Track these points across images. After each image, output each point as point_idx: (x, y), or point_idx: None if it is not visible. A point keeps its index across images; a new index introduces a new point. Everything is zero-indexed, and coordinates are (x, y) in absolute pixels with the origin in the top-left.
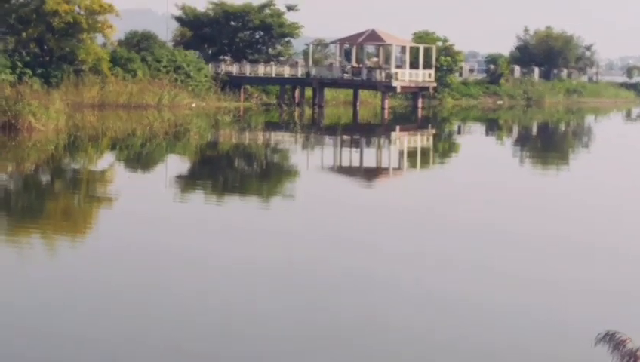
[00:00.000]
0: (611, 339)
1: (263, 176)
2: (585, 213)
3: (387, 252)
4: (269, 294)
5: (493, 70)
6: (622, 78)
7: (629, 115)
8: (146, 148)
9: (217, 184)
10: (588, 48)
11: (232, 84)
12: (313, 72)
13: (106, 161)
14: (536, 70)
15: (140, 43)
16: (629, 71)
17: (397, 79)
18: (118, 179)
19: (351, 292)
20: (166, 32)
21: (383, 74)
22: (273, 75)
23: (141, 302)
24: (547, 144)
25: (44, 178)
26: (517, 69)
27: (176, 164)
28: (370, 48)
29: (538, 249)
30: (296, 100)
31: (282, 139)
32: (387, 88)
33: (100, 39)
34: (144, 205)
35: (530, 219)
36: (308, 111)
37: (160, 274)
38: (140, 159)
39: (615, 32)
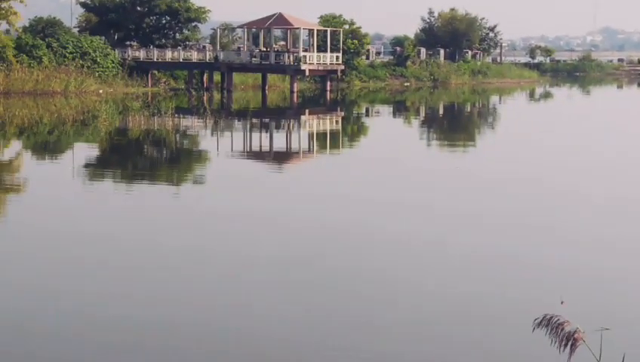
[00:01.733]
0: (549, 323)
1: (173, 161)
2: (489, 190)
3: (299, 234)
4: (175, 283)
5: (400, 52)
6: (525, 59)
7: (532, 94)
8: (53, 135)
9: (126, 171)
10: (491, 29)
11: (139, 70)
12: (221, 56)
13: (12, 149)
14: (442, 52)
15: (45, 29)
16: (532, 51)
17: (305, 62)
18: (25, 168)
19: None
20: (71, 17)
21: (291, 57)
22: (181, 60)
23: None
24: (454, 125)
25: None
26: (423, 50)
27: (85, 151)
28: (277, 32)
29: (448, 222)
30: (205, 85)
31: (192, 124)
32: (296, 72)
33: (3, 26)
34: (51, 193)
35: (440, 196)
36: (217, 95)
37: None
38: (48, 147)
39: (517, 12)
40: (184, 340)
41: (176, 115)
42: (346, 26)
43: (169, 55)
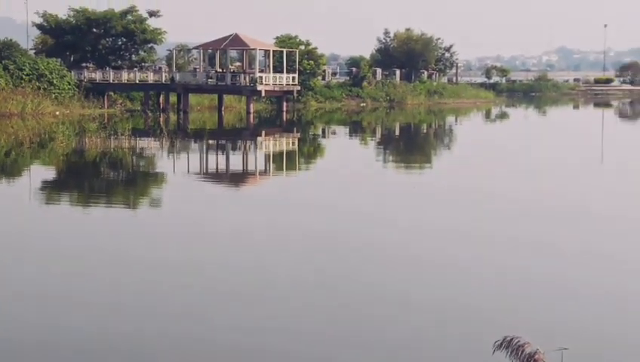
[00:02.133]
0: (509, 345)
1: (130, 183)
2: (444, 206)
3: (252, 250)
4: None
5: (356, 73)
6: (481, 79)
7: (488, 115)
8: (10, 157)
9: (83, 192)
10: (447, 50)
11: (95, 91)
12: (177, 77)
13: None
14: (398, 72)
15: (1, 52)
16: (488, 71)
17: (261, 83)
18: None
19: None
20: (27, 39)
21: (247, 78)
22: (137, 82)
23: None
24: (410, 145)
25: None
26: (379, 71)
27: (42, 172)
28: (233, 53)
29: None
30: (161, 106)
31: (148, 145)
32: (252, 92)
33: None
34: (6, 214)
35: (398, 210)
36: (173, 116)
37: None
38: (5, 169)
39: (472, 33)
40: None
41: (132, 137)
42: (302, 47)
43: (125, 76)
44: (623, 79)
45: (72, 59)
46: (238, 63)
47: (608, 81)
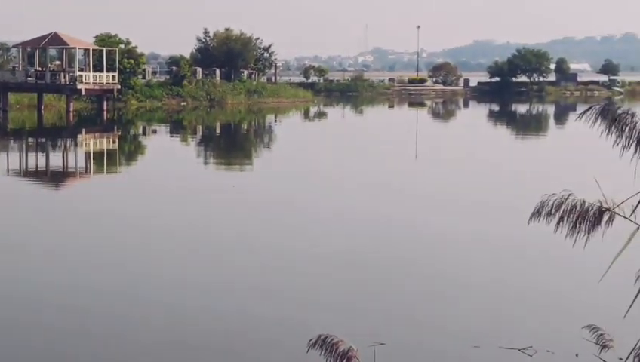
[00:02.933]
0: (324, 343)
1: None
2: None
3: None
4: None
5: (176, 72)
6: (299, 79)
7: (307, 114)
8: None
9: None
10: (266, 49)
11: None
12: None
13: None
14: (218, 71)
15: None
16: (306, 71)
17: (81, 82)
18: None
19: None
20: None
21: (67, 77)
22: None
23: None
24: (231, 143)
25: None
26: (199, 70)
27: None
28: (53, 52)
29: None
30: None
31: None
32: (72, 91)
33: None
34: None
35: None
36: None
37: None
38: None
39: (291, 33)
40: None
41: None
42: (122, 46)
43: None
44: (436, 79)
45: None
46: (57, 62)
47: (422, 81)
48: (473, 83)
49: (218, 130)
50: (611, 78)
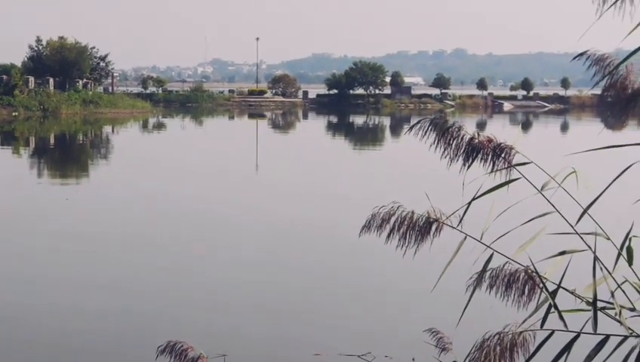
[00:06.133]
0: (173, 350)
1: None
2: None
3: None
4: None
5: (7, 81)
6: (137, 89)
7: (145, 125)
8: None
9: None
10: (102, 59)
11: None
12: None
13: None
14: (52, 81)
15: None
16: (144, 81)
17: None
18: None
19: None
20: None
21: None
22: None
23: None
24: (66, 155)
25: None
26: (31, 79)
27: None
28: None
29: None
30: None
31: None
32: None
33: None
34: None
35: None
36: None
37: None
38: None
39: (128, 43)
40: None
41: None
42: None
43: None
44: (275, 91)
45: None
46: None
47: (261, 92)
48: (312, 95)
49: (52, 141)
50: (443, 91)
